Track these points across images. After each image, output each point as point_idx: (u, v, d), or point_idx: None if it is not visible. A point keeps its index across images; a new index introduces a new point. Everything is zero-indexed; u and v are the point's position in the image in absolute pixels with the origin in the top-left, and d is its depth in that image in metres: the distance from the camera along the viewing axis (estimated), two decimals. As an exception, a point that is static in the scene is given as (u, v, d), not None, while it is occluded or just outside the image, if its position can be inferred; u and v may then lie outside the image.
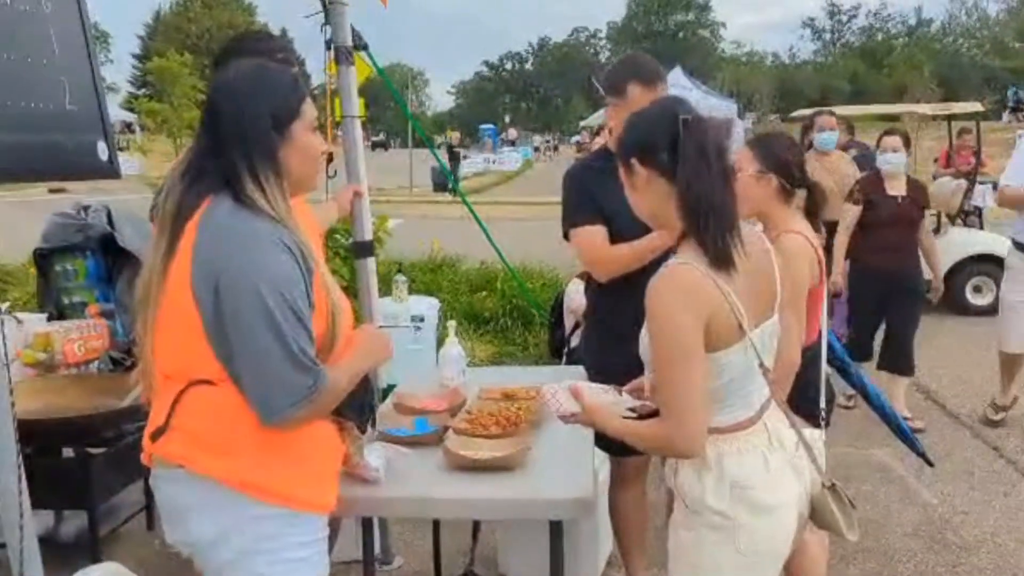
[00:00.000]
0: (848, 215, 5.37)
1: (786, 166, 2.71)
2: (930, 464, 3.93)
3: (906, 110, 13.23)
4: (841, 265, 5.30)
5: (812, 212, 2.78)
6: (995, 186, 6.91)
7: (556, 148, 53.90)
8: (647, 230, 2.49)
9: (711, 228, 1.79)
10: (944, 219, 8.45)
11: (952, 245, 8.13)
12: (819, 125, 6.22)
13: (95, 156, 2.40)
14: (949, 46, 70.42)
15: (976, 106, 9.67)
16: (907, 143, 5.40)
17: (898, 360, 5.39)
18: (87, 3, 2.46)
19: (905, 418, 4.48)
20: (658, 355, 1.79)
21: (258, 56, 2.43)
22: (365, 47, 3.50)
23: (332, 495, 1.97)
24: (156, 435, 1.84)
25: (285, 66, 2.04)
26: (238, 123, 1.78)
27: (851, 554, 3.73)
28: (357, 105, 3.41)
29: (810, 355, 2.70)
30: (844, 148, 7.20)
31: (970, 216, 9.35)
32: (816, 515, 2.06)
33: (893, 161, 5.32)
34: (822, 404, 2.75)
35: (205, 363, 1.77)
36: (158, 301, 1.81)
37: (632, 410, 2.02)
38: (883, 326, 5.47)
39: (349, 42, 3.38)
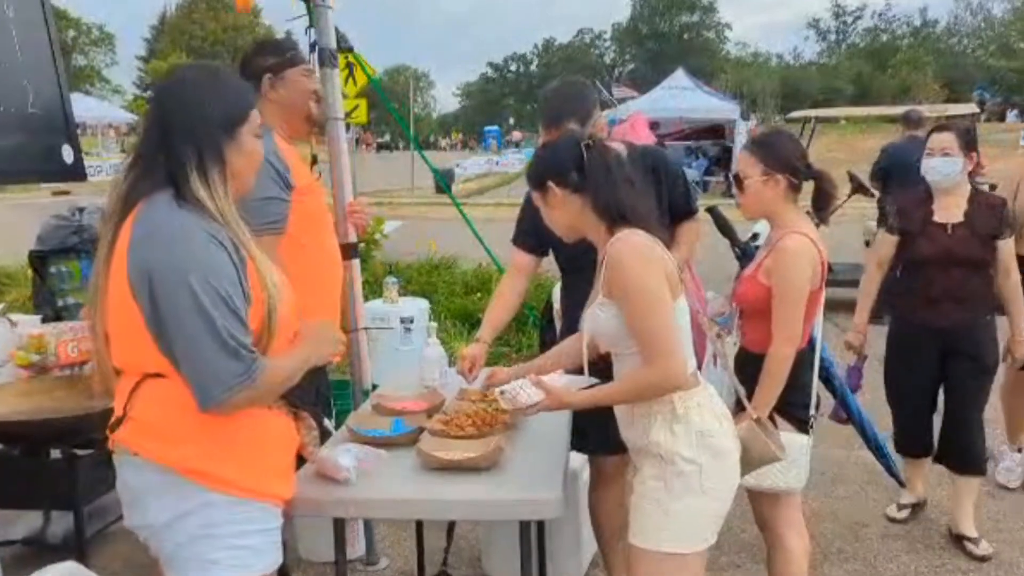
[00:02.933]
0: (881, 249, 3.94)
1: (791, 163, 2.74)
2: (902, 485, 4.08)
3: (905, 111, 13.19)
4: (864, 319, 3.96)
5: (820, 206, 2.80)
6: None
7: None
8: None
9: (629, 219, 2.17)
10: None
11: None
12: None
13: (60, 159, 2.43)
14: (954, 47, 70.28)
15: (972, 107, 9.70)
16: (969, 143, 3.71)
17: (960, 453, 3.83)
18: (52, 5, 2.49)
19: (969, 539, 3.76)
20: (637, 307, 2.09)
21: (271, 56, 2.82)
22: (350, 49, 3.52)
23: (283, 486, 2.02)
24: (115, 425, 1.92)
25: (236, 72, 2.12)
26: (190, 120, 1.84)
27: (834, 554, 3.74)
28: (340, 107, 3.43)
29: (800, 359, 2.72)
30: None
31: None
32: (749, 452, 2.38)
33: (942, 170, 3.66)
34: (811, 409, 2.76)
35: (152, 357, 1.83)
36: (104, 298, 1.87)
37: (589, 387, 2.24)
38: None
39: (333, 44, 3.41)
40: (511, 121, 74.91)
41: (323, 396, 2.11)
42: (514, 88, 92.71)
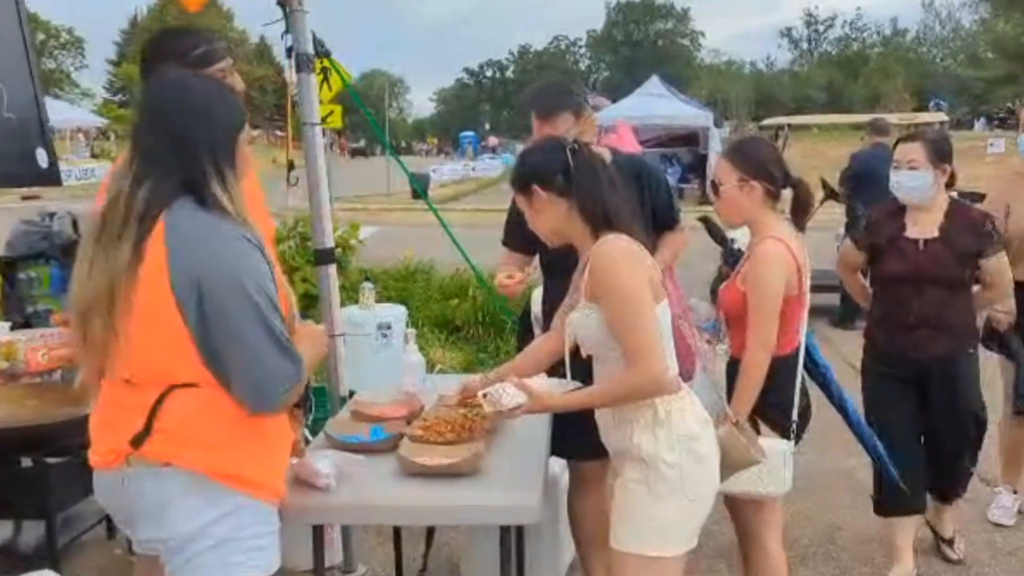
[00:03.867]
0: (846, 258, 3.66)
1: (767, 170, 2.75)
2: (904, 492, 3.35)
3: (871, 119, 13.39)
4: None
5: (798, 212, 2.82)
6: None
7: None
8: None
9: (614, 223, 2.18)
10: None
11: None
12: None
13: (35, 163, 2.40)
14: (923, 56, 71.30)
15: (941, 115, 9.84)
16: (940, 154, 3.33)
17: (944, 478, 3.58)
18: (27, 8, 2.46)
19: (945, 540, 3.71)
20: (621, 311, 2.10)
21: (184, 50, 2.41)
22: (327, 54, 3.51)
23: (284, 484, 2.05)
24: (138, 440, 1.86)
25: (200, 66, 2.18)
26: (208, 132, 1.87)
27: (808, 557, 3.77)
28: (317, 112, 3.42)
29: (782, 366, 2.74)
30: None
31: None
32: (727, 456, 2.37)
33: (908, 185, 3.33)
34: (794, 416, 2.77)
35: (191, 367, 1.83)
36: (127, 307, 1.81)
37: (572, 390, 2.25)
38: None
39: (310, 49, 3.39)
40: (487, 127, 74.91)
41: (308, 396, 2.13)
42: (490, 94, 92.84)
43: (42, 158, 2.45)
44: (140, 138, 1.89)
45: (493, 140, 58.44)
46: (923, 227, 3.35)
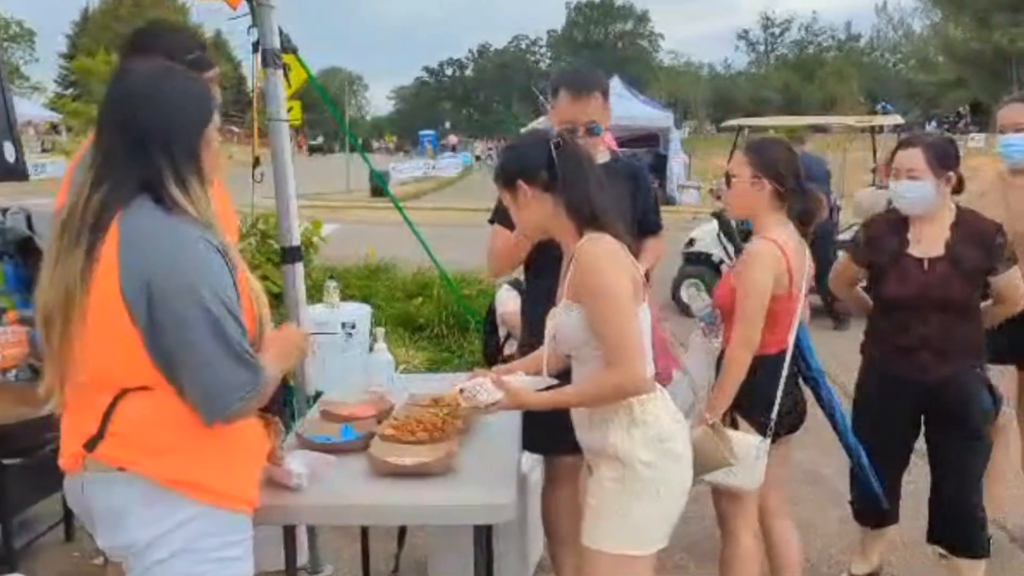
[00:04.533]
0: (846, 272, 3.37)
1: (780, 172, 2.81)
2: (882, 507, 3.30)
3: (834, 121, 13.66)
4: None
5: (804, 221, 2.87)
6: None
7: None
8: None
9: (600, 221, 2.17)
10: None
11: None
12: (1003, 122, 3.49)
13: (1, 157, 2.33)
14: (877, 60, 72.66)
15: (897, 118, 10.01)
16: (944, 160, 3.02)
17: (958, 534, 3.22)
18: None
19: None
20: (602, 310, 2.10)
21: (174, 49, 2.36)
22: (294, 50, 3.47)
23: (257, 493, 1.99)
24: (91, 444, 1.83)
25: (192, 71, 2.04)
26: (166, 130, 1.79)
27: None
28: (284, 109, 3.37)
29: (767, 364, 2.77)
30: None
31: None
32: (702, 456, 2.42)
33: (908, 195, 3.06)
34: (772, 415, 2.79)
35: (141, 370, 1.78)
36: (81, 311, 1.77)
37: (549, 388, 2.25)
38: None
39: (277, 44, 3.35)
40: (447, 125, 74.69)
41: (285, 398, 2.09)
42: (449, 92, 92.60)
43: (9, 152, 2.38)
44: (101, 136, 1.83)
45: (453, 139, 58.31)
46: (928, 243, 3.04)
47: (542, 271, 2.81)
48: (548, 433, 2.70)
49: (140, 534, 1.82)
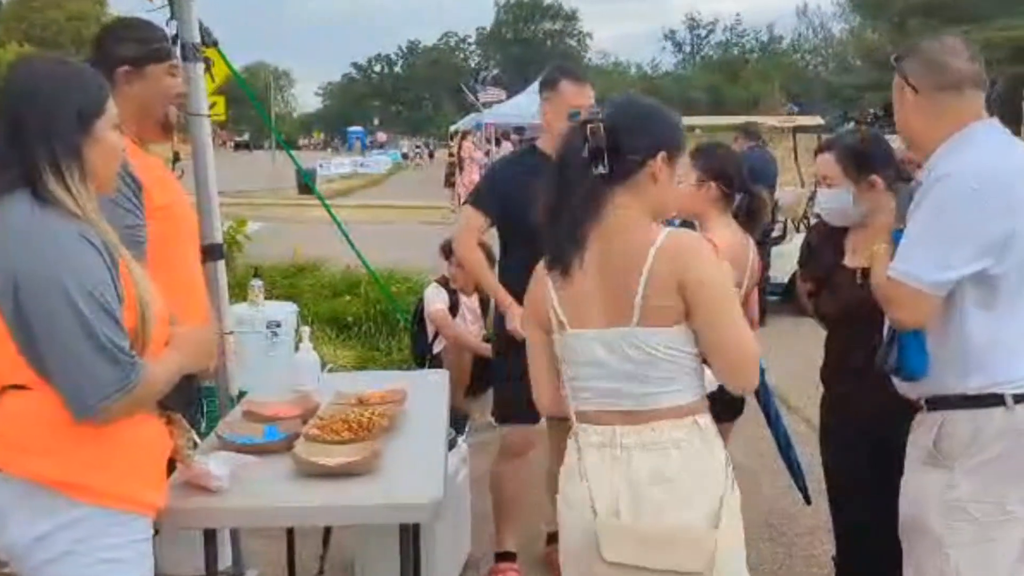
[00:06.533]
0: (801, 291, 3.08)
1: (725, 174, 2.90)
2: (808, 502, 3.16)
3: (757, 121, 13.94)
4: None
5: (749, 220, 2.94)
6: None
7: (432, 154, 47.68)
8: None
9: (546, 234, 2.01)
10: (790, 225, 8.97)
11: (797, 250, 8.61)
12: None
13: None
14: (798, 62, 74.60)
15: (818, 119, 10.31)
16: (861, 163, 2.73)
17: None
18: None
19: None
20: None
21: (133, 44, 2.45)
22: (215, 44, 3.39)
23: (156, 494, 1.94)
24: None
25: (86, 62, 2.05)
26: (42, 120, 1.76)
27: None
28: (205, 103, 3.30)
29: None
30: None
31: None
32: None
33: (826, 205, 2.86)
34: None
35: (15, 368, 1.74)
36: None
37: None
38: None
39: (197, 38, 3.27)
40: (376, 122, 74.05)
41: (196, 398, 2.03)
42: (378, 89, 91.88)
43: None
44: None
45: (382, 136, 57.91)
46: (863, 253, 2.63)
47: (520, 240, 3.17)
48: (516, 404, 3.06)
49: (23, 534, 1.78)
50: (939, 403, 2.22)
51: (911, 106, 2.27)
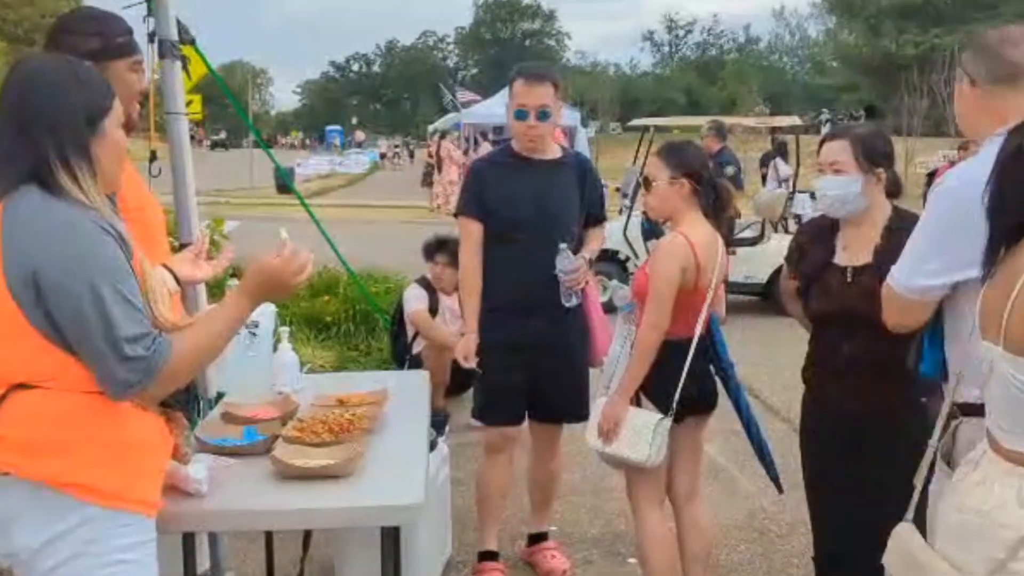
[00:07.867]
0: (789, 286, 2.90)
1: (696, 170, 2.99)
2: (780, 490, 3.31)
3: (735, 121, 14.01)
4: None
5: (715, 212, 3.03)
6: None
7: (412, 154, 45.91)
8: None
9: None
10: (768, 226, 9.03)
11: (776, 251, 8.66)
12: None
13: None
14: (775, 63, 75.17)
15: (795, 120, 10.38)
16: (873, 155, 2.64)
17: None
18: None
19: None
20: None
21: (95, 38, 2.32)
22: (192, 41, 3.36)
23: (159, 494, 1.92)
24: None
25: (91, 63, 1.99)
26: (50, 115, 1.75)
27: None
28: (182, 102, 3.27)
29: (675, 348, 2.93)
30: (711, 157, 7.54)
31: (792, 223, 10.03)
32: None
33: (831, 191, 2.66)
34: (675, 396, 2.91)
35: (29, 365, 1.73)
36: None
37: None
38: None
39: (174, 35, 3.23)
40: (354, 121, 73.70)
41: (193, 394, 2.01)
42: (356, 88, 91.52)
43: None
44: None
45: (360, 135, 57.62)
46: (855, 251, 2.64)
47: (515, 236, 3.33)
48: (497, 404, 3.37)
49: (26, 541, 1.76)
50: (966, 410, 2.03)
51: (966, 98, 2.13)
